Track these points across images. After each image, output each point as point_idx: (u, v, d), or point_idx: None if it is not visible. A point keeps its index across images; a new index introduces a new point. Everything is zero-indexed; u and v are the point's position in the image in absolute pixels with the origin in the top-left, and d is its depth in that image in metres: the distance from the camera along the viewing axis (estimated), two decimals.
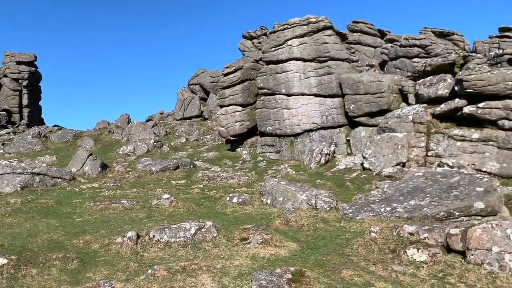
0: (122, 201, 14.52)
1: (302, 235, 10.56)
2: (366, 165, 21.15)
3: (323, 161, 23.66)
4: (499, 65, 23.52)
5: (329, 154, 24.29)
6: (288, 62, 29.43)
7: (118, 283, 7.32)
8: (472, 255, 8.43)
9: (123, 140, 43.01)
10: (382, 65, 45.33)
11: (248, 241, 9.55)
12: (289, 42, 29.61)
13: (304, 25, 29.29)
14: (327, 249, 9.23)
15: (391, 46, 44.07)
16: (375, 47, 50.71)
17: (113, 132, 47.34)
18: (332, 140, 26.49)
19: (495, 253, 8.35)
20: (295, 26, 29.58)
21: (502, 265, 8.25)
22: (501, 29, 46.72)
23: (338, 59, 28.32)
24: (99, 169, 24.11)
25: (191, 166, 24.28)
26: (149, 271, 7.62)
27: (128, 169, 25.29)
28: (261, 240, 9.44)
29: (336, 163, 23.80)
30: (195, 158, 29.27)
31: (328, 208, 12.96)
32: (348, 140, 26.99)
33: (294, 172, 21.86)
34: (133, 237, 9.55)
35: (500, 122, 20.36)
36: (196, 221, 10.45)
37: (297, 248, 9.37)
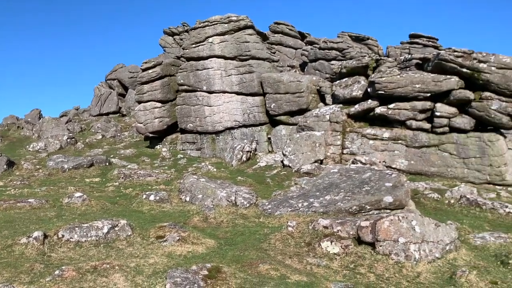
0: (29, 200, 13.50)
1: (220, 232, 10.50)
2: (286, 162, 21.61)
3: (244, 158, 23.81)
4: (408, 69, 25.06)
5: (250, 152, 24.50)
6: (209, 59, 29.25)
7: (20, 286, 6.77)
8: (380, 246, 8.88)
9: (34, 136, 40.32)
10: (303, 66, 46.59)
11: (165, 239, 9.31)
12: (210, 39, 29.44)
13: (225, 23, 29.26)
14: (245, 245, 9.25)
15: (311, 48, 45.40)
16: (295, 49, 51.98)
17: (22, 128, 44.26)
18: (253, 138, 26.76)
19: (401, 243, 8.87)
20: (216, 24, 29.46)
21: (408, 255, 8.78)
22: (412, 36, 50.08)
23: (259, 58, 28.64)
24: (5, 166, 22.30)
25: (107, 164, 23.26)
26: (57, 272, 7.14)
27: (38, 166, 23.66)
28: (178, 238, 9.23)
29: (257, 160, 24.07)
30: (112, 155, 28.11)
31: (247, 205, 13.03)
32: (269, 138, 27.40)
33: (215, 170, 21.76)
34: (39, 237, 8.89)
35: (408, 122, 21.78)
36: (110, 219, 9.99)
37: (215, 245, 9.29)
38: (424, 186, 18.09)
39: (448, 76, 21.20)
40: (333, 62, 40.71)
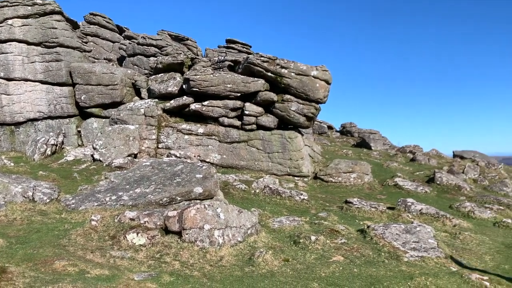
0: None
1: (12, 230, 9.33)
2: (96, 156, 20.45)
3: (49, 152, 21.70)
4: (221, 69, 26.28)
5: (56, 145, 22.46)
6: (9, 43, 25.85)
7: None
8: (187, 234, 9.06)
9: None
10: (121, 60, 44.87)
11: None
12: (10, 22, 26.04)
13: (28, 5, 26.29)
14: (40, 242, 8.40)
15: (129, 43, 44.05)
16: (113, 42, 49.81)
17: None
18: (60, 131, 24.62)
19: (206, 230, 9.20)
20: (17, 5, 26.23)
21: (212, 240, 9.15)
22: (228, 41, 52.65)
23: (68, 47, 26.50)
24: None
25: None
26: None
27: None
28: None
29: (65, 154, 22.22)
30: None
31: (48, 200, 11.88)
32: (79, 131, 25.57)
33: (12, 164, 19.33)
34: None
35: (221, 119, 22.83)
36: None
37: (3, 244, 8.20)
38: (233, 178, 19.18)
39: (256, 79, 22.94)
40: (152, 58, 40.21)
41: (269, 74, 22.85)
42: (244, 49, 52.10)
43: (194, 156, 22.03)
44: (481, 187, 23.79)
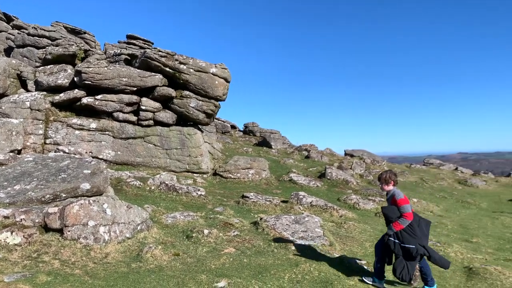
0: None
1: None
2: None
3: None
4: (117, 63, 25.25)
5: None
6: None
7: None
8: (69, 231, 8.56)
9: None
10: (9, 51, 41.10)
11: None
12: None
13: None
14: None
15: (18, 33, 40.55)
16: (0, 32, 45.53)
17: None
18: None
19: (91, 227, 8.77)
20: None
21: (97, 237, 8.75)
22: (129, 37, 50.79)
23: None
24: None
25: None
26: None
27: None
28: None
29: None
30: None
31: None
32: None
33: None
34: None
35: (115, 114, 21.91)
36: None
37: None
38: (128, 175, 18.53)
39: (153, 74, 22.38)
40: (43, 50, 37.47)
41: (167, 69, 22.44)
42: (146, 45, 50.62)
43: (86, 152, 20.89)
44: (366, 182, 25.68)
